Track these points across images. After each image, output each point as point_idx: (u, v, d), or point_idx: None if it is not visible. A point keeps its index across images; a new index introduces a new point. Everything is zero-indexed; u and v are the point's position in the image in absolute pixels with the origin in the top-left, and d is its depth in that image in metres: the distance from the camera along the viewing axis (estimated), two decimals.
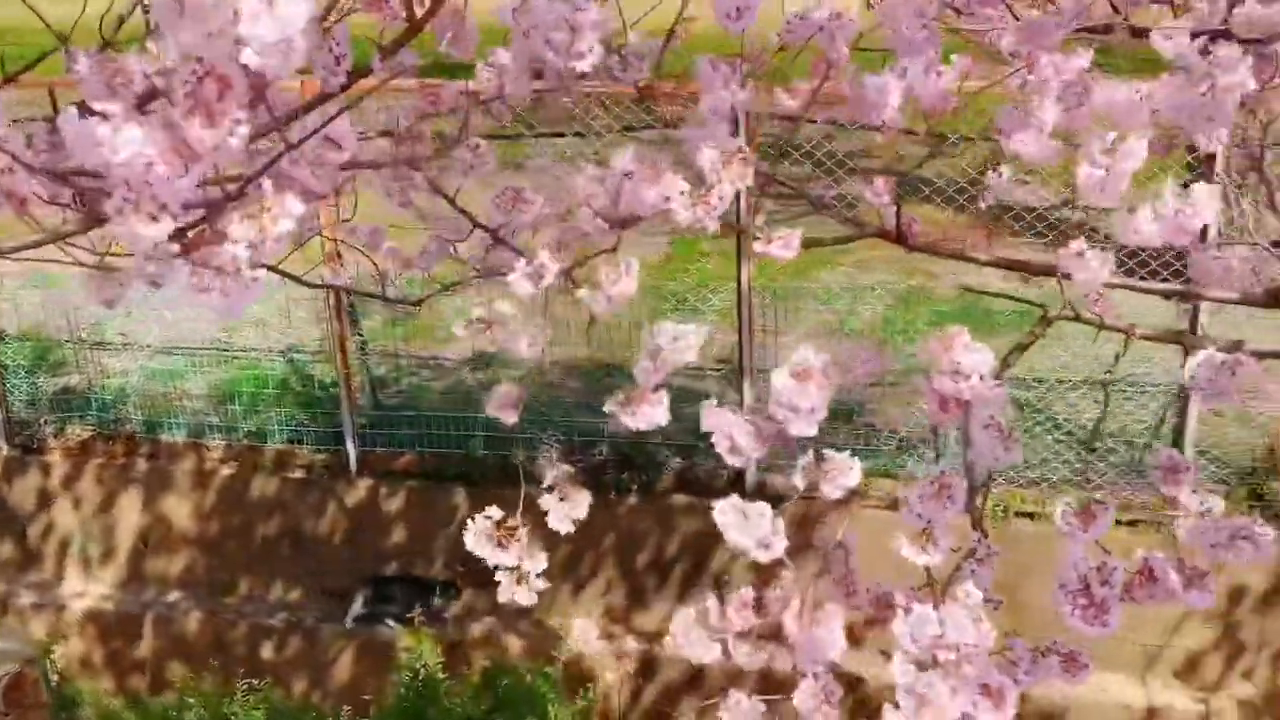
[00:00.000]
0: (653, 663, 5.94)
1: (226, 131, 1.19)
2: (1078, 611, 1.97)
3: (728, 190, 1.80)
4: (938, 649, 1.84)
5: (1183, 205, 1.84)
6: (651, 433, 6.28)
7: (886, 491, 5.75)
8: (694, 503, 5.91)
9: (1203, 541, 2.01)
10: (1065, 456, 5.66)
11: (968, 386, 1.98)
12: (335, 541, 6.22)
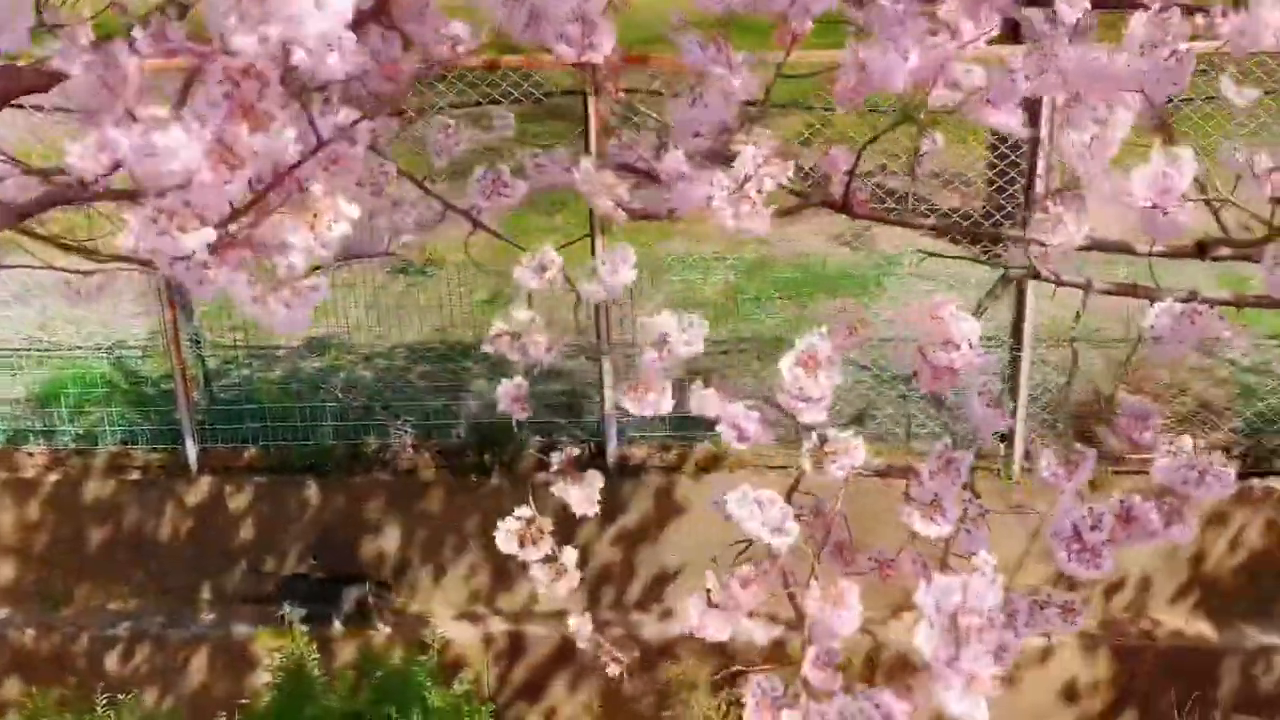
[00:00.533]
0: (521, 643, 5.92)
1: (274, 134, 1.14)
2: (1074, 557, 2.06)
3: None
4: (961, 615, 1.90)
5: (1168, 167, 1.94)
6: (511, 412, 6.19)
7: (742, 457, 5.88)
8: (554, 480, 5.88)
9: (1176, 480, 2.13)
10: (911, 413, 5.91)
11: (959, 355, 2.04)
12: (178, 544, 5.94)
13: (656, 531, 5.89)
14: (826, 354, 1.93)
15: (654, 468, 5.92)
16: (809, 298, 6.67)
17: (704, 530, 5.81)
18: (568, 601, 5.99)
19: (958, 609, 1.93)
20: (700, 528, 5.79)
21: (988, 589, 1.91)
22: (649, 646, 5.86)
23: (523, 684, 5.93)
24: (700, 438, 5.90)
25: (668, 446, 5.95)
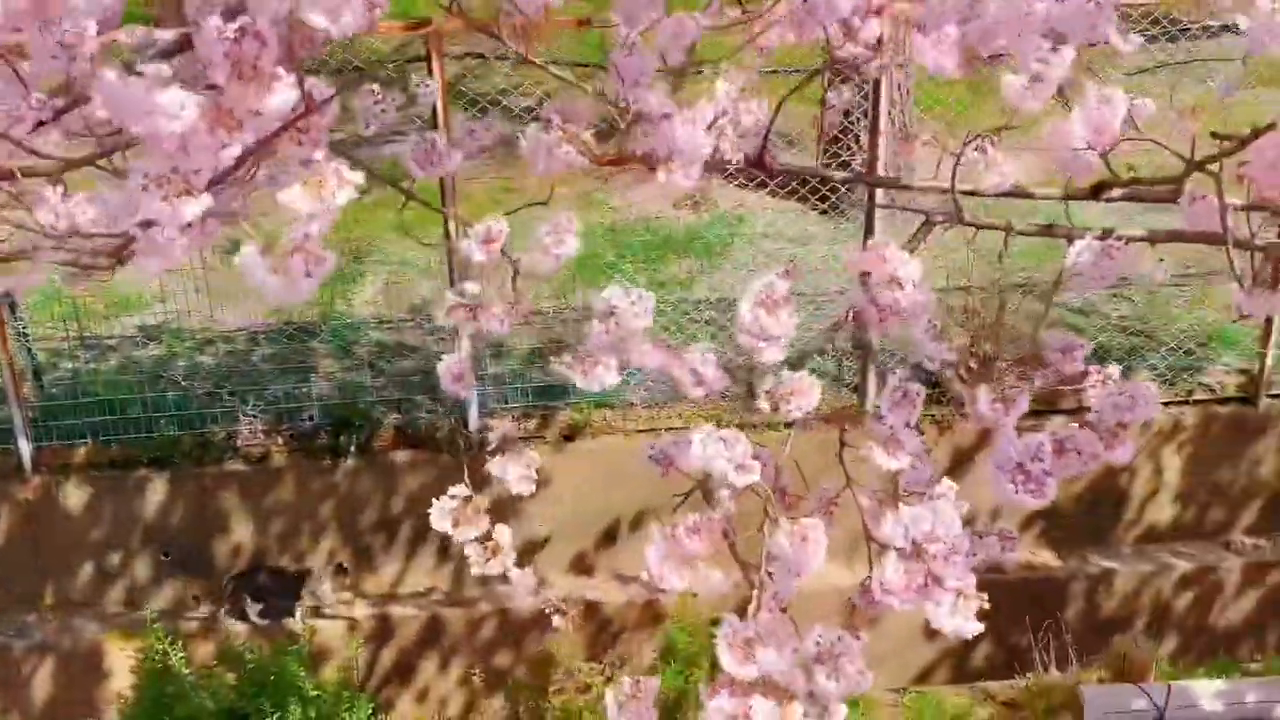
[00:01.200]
0: (388, 624, 5.81)
1: (275, 93, 1.11)
2: (1020, 487, 2.13)
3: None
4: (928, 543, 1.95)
5: (1102, 106, 2.02)
6: (364, 391, 6.08)
7: (609, 421, 5.90)
8: (416, 458, 5.79)
9: (1108, 405, 2.23)
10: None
11: (903, 295, 2.08)
12: (16, 548, 5.59)
13: (523, 503, 5.83)
14: (784, 293, 1.94)
15: (518, 438, 5.85)
16: (660, 261, 6.72)
17: (570, 500, 5.81)
18: (433, 579, 5.95)
19: (926, 537, 1.97)
20: (566, 497, 5.78)
21: (954, 515, 1.97)
22: (520, 619, 5.83)
23: (394, 666, 5.82)
24: (561, 406, 5.88)
25: (529, 415, 5.90)
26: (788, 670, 1.96)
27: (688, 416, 5.88)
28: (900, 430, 2.06)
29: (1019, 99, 2.04)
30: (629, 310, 2.11)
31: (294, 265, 1.36)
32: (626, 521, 5.98)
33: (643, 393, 5.91)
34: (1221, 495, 5.95)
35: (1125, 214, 3.31)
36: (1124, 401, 2.24)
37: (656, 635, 5.76)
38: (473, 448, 5.80)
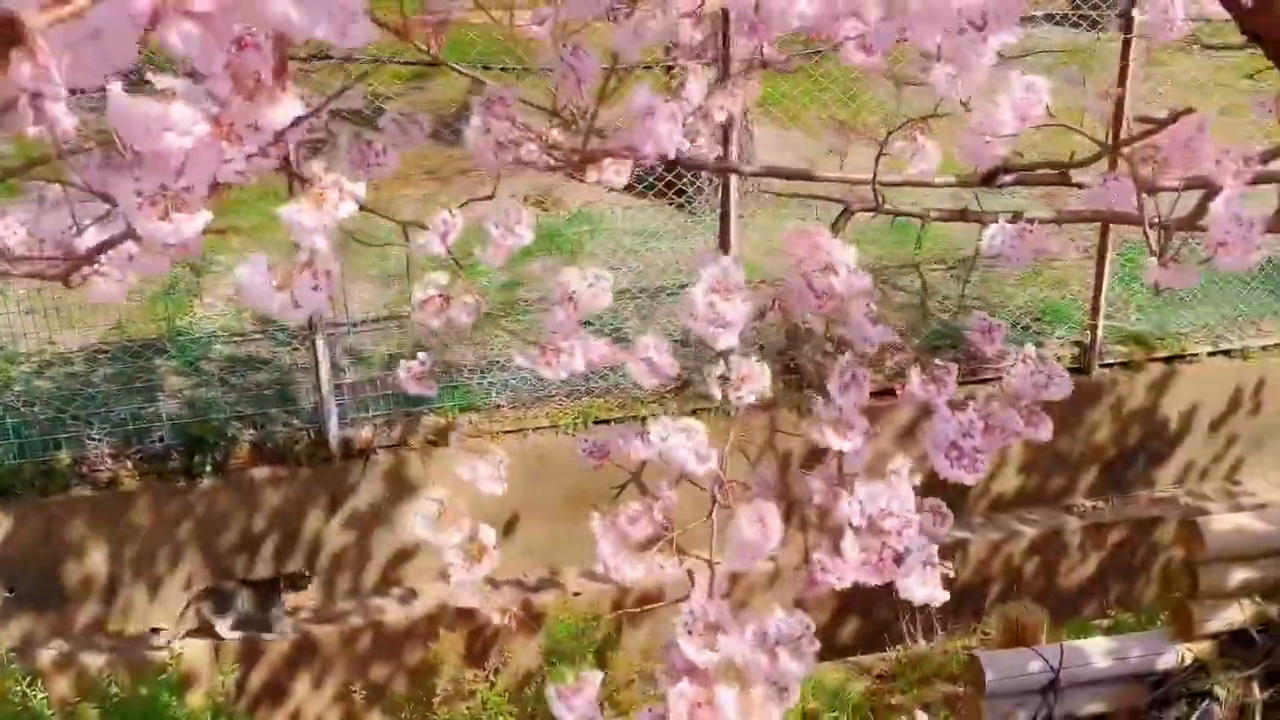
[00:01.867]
0: (255, 647, 5.62)
1: (279, 106, 1.11)
2: (954, 464, 2.21)
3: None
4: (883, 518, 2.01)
5: (1027, 94, 2.11)
6: (216, 408, 5.88)
7: (476, 424, 5.84)
8: (275, 473, 5.61)
9: (1027, 384, 2.33)
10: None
11: (839, 279, 2.14)
12: None
13: (389, 511, 5.74)
14: (738, 280, 1.97)
15: (381, 447, 5.75)
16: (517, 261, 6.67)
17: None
18: (300, 598, 5.79)
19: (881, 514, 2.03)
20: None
21: (909, 491, 2.03)
22: (393, 631, 5.73)
23: (265, 688, 5.64)
24: (425, 411, 5.80)
25: (392, 423, 5.79)
26: (750, 654, 1.98)
27: (554, 416, 5.88)
28: (850, 412, 2.11)
29: (948, 89, 2.11)
30: (587, 293, 2.11)
31: (302, 281, 1.32)
32: (498, 525, 5.90)
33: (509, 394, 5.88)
34: (1062, 462, 6.27)
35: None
36: (1042, 380, 2.34)
37: (536, 638, 5.73)
38: (334, 459, 5.67)
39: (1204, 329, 6.22)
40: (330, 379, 5.58)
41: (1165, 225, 2.20)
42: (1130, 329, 6.25)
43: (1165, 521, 6.10)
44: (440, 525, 2.13)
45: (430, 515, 2.15)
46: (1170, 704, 3.49)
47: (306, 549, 5.73)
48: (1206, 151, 2.18)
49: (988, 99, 2.21)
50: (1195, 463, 6.34)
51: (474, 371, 5.91)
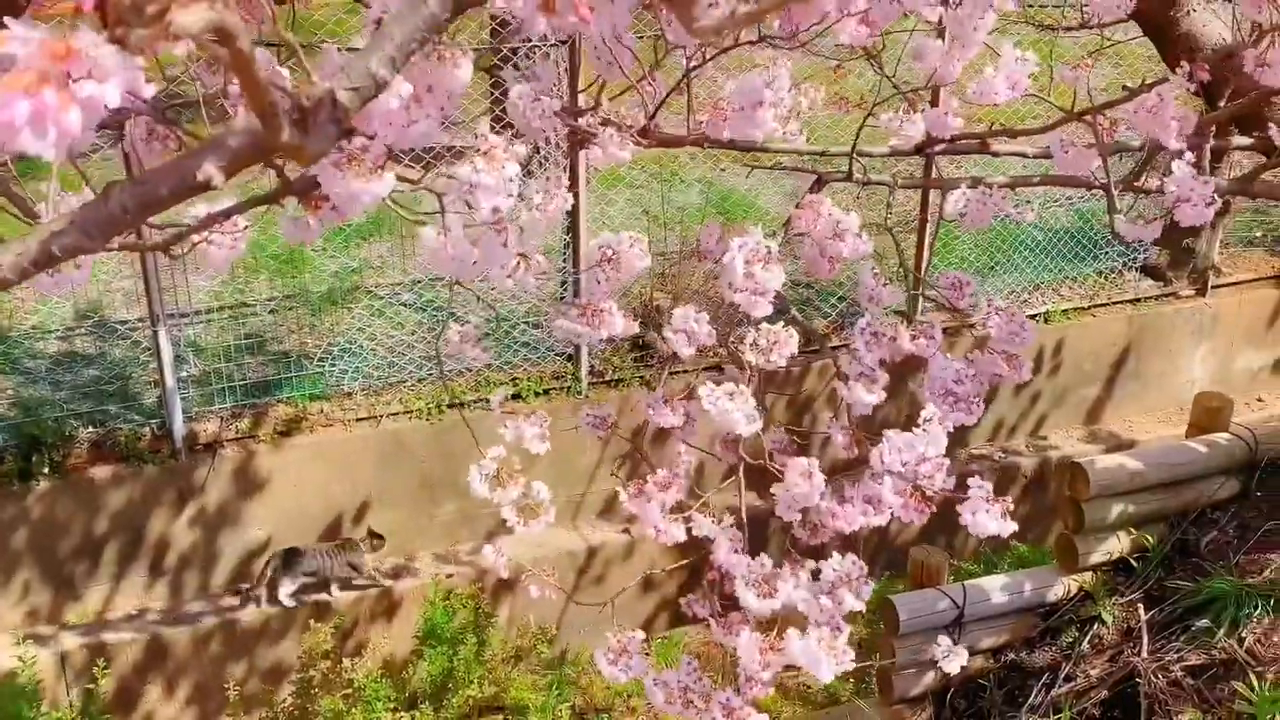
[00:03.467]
0: (105, 652, 5.33)
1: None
2: (950, 410, 2.40)
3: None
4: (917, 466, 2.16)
5: (1018, 67, 2.32)
6: (52, 407, 5.59)
7: (327, 414, 5.71)
8: (118, 472, 5.34)
9: (1005, 333, 2.54)
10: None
11: (845, 245, 2.29)
12: None
13: (240, 506, 5.55)
14: (775, 251, 2.08)
15: (229, 440, 5.54)
16: (358, 246, 6.55)
17: (291, 497, 5.58)
18: (147, 599, 5.52)
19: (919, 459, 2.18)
20: (289, 494, 5.55)
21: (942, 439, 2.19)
22: (248, 631, 5.54)
23: (117, 695, 5.36)
24: (273, 402, 5.63)
25: (239, 415, 5.60)
26: (808, 599, 2.09)
27: (408, 401, 5.81)
28: (877, 366, 2.25)
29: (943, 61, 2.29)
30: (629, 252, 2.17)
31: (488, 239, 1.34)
32: (351, 514, 5.82)
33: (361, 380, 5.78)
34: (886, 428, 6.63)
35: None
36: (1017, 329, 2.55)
37: (402, 623, 5.67)
38: (180, 455, 5.44)
39: (1010, 295, 6.72)
40: (174, 372, 5.34)
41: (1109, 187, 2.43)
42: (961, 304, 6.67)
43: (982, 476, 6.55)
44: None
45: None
46: (1061, 631, 3.82)
47: (153, 549, 5.47)
48: (1166, 116, 2.44)
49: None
50: (1005, 420, 6.85)
51: (324, 358, 5.78)
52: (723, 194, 7.31)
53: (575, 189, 5.84)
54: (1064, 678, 3.66)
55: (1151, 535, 3.97)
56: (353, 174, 1.18)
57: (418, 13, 0.87)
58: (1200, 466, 4.02)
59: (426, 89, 1.28)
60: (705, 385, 2.17)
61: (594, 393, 6.10)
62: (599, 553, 6.13)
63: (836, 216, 2.34)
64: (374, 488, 5.74)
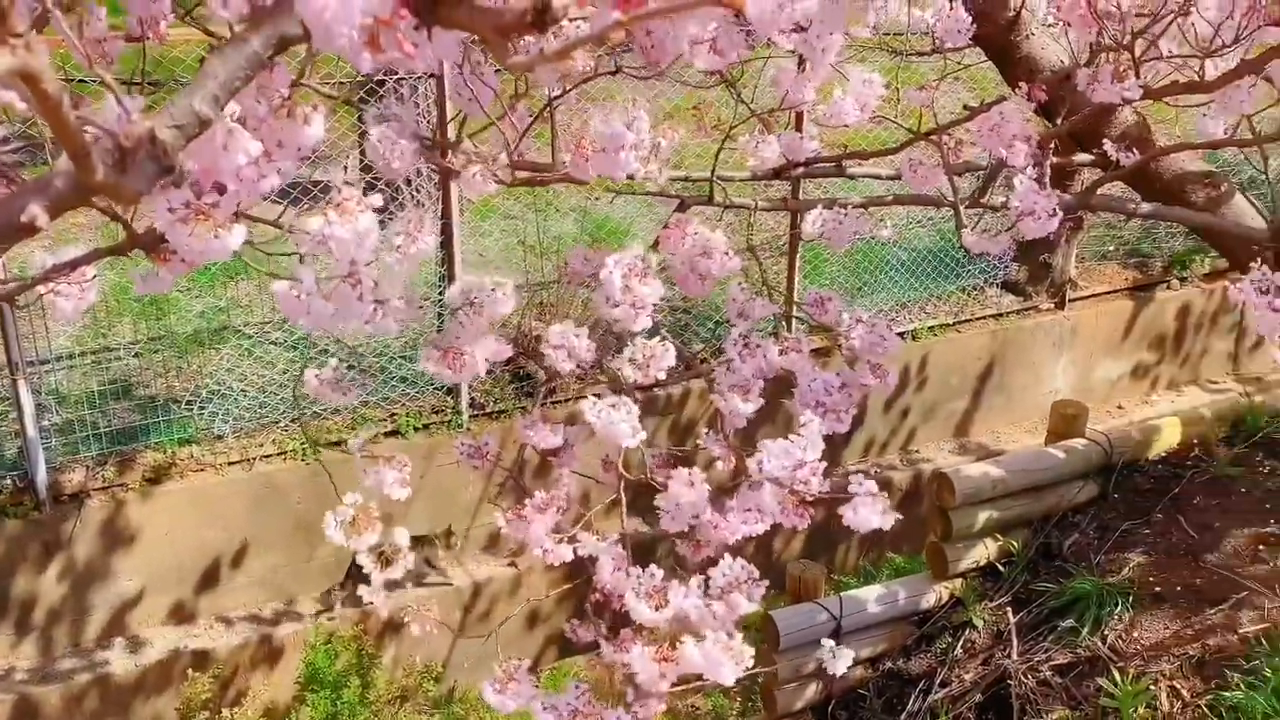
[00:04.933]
0: None
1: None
2: (821, 419, 2.47)
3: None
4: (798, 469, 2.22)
5: (865, 89, 2.40)
6: None
7: (197, 458, 5.58)
8: None
9: (868, 343, 2.62)
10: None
11: (714, 262, 2.36)
12: None
13: (110, 558, 5.38)
14: (651, 266, 2.13)
15: (96, 490, 5.38)
16: (222, 285, 6.42)
17: (163, 546, 5.44)
18: (13, 658, 5.31)
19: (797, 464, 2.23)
20: (161, 543, 5.41)
21: (819, 443, 2.25)
22: (122, 685, 5.37)
23: None
24: (141, 448, 5.48)
25: (104, 462, 5.44)
26: (700, 607, 2.13)
27: (281, 442, 5.71)
28: (752, 377, 2.30)
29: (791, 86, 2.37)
30: (493, 298, 2.19)
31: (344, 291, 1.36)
32: (227, 560, 5.69)
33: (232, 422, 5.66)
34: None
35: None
36: (880, 341, 2.64)
37: (285, 669, 5.56)
38: (44, 506, 5.26)
39: (879, 314, 6.88)
40: (35, 421, 5.17)
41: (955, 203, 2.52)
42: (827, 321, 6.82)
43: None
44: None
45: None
46: (936, 638, 3.92)
47: (19, 605, 5.27)
48: (1008, 134, 2.55)
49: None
50: (878, 436, 7.01)
51: (192, 402, 5.65)
52: (598, 222, 7.36)
53: (448, 221, 5.84)
54: (940, 683, 3.75)
55: (1017, 540, 4.11)
56: (201, 229, 1.18)
57: (240, 51, 0.88)
58: (1060, 472, 4.18)
59: (277, 144, 1.28)
60: (588, 400, 2.19)
61: (476, 425, 6.08)
62: (485, 588, 6.09)
63: (704, 235, 2.39)
64: (249, 532, 5.62)
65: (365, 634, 5.64)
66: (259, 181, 1.26)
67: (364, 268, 1.62)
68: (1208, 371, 8.00)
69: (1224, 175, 3.46)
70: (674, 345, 2.48)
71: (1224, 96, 2.47)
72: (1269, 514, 3.97)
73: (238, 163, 1.16)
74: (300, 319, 1.41)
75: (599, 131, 2.07)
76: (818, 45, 2.26)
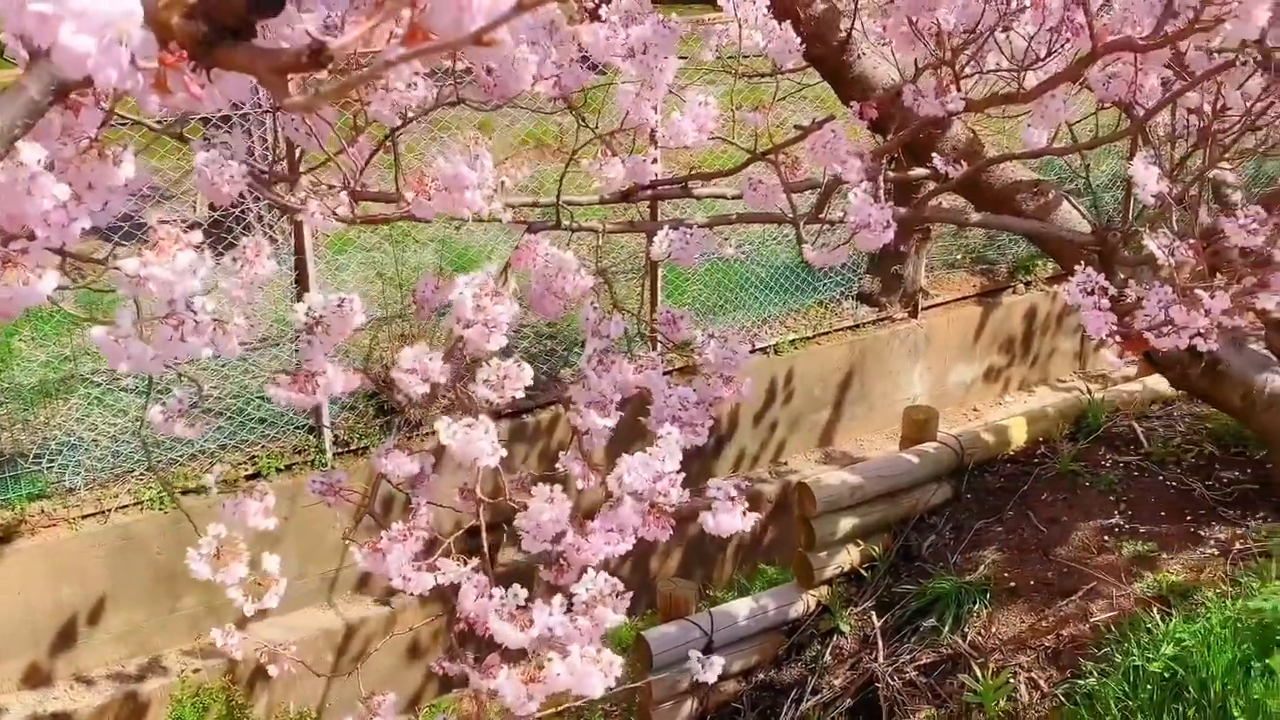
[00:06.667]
0: None
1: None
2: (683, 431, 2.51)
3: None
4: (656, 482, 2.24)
5: (701, 110, 2.46)
6: None
7: (49, 513, 5.38)
8: None
9: (720, 357, 2.67)
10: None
11: (568, 282, 2.39)
12: None
13: None
14: (499, 287, 2.14)
15: None
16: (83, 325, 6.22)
17: (18, 606, 5.22)
18: None
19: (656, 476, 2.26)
20: (13, 603, 5.19)
21: (677, 454, 2.27)
22: None
23: None
24: None
25: None
26: (565, 623, 2.13)
27: (137, 491, 5.54)
28: (609, 393, 2.32)
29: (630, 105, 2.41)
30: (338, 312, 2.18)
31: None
32: (85, 617, 5.49)
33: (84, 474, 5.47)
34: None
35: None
36: (731, 354, 2.69)
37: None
38: None
39: (742, 331, 7.00)
40: None
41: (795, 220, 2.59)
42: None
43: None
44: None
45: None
46: (806, 646, 3.98)
47: None
48: (840, 151, 2.63)
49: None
50: (747, 451, 7.10)
51: (41, 455, 5.45)
52: (459, 251, 7.33)
53: (302, 257, 5.75)
54: (811, 691, 3.82)
55: (878, 545, 4.21)
56: (10, 276, 1.15)
57: (16, 100, 0.86)
58: (914, 476, 4.30)
59: (87, 186, 1.26)
60: (442, 421, 2.18)
61: (340, 462, 5.98)
62: (358, 629, 5.98)
63: (556, 256, 2.41)
64: (108, 587, 5.43)
65: (234, 683, 5.49)
66: (69, 225, 1.23)
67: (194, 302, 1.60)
68: (1056, 371, 8.31)
69: (1053, 183, 3.62)
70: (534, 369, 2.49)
71: (1040, 106, 2.59)
72: (1112, 505, 4.14)
73: (43, 207, 1.14)
74: (121, 364, 1.38)
75: (442, 170, 2.08)
76: (654, 66, 2.31)
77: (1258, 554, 3.77)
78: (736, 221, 2.98)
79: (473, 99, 2.46)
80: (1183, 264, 2.55)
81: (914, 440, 4.48)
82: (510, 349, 3.47)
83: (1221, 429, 4.54)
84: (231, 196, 1.94)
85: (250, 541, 2.96)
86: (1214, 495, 4.15)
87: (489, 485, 2.66)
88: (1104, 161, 7.94)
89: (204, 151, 1.92)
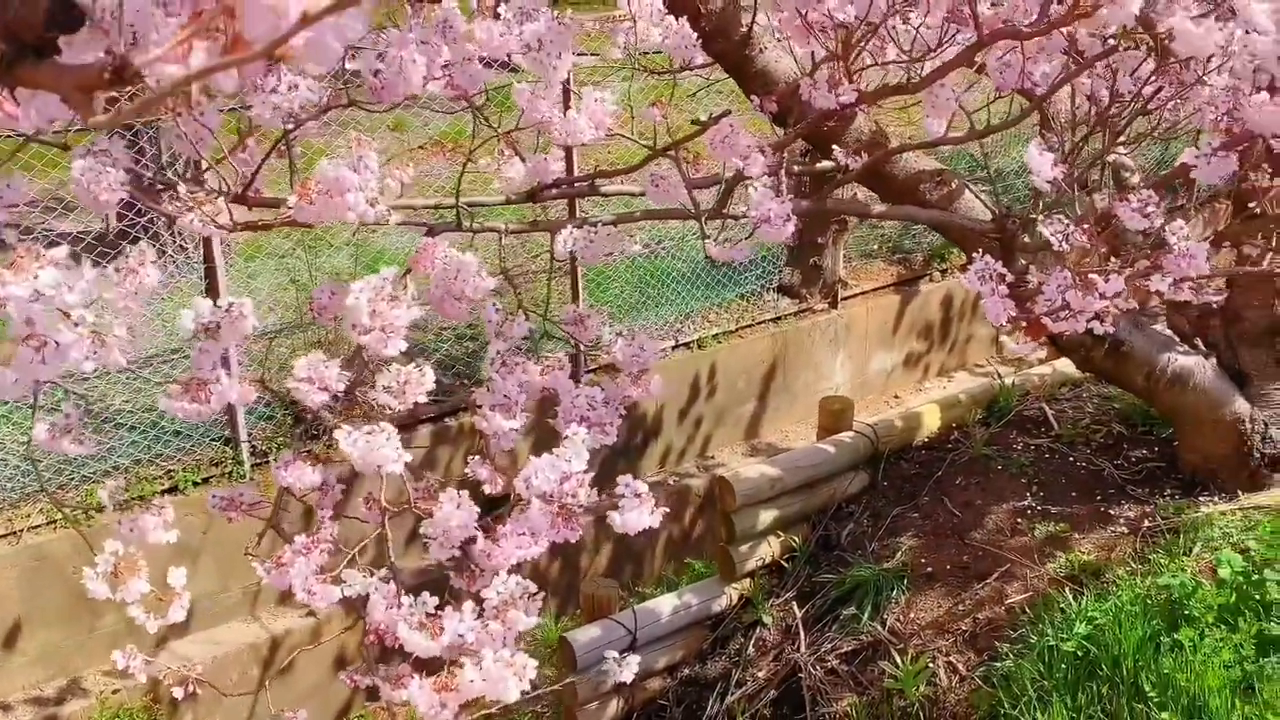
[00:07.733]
0: None
1: None
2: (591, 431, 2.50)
3: None
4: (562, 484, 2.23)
5: (597, 107, 2.45)
6: None
7: None
8: None
9: (628, 356, 2.67)
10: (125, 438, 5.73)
11: (467, 284, 2.38)
12: None
13: None
14: (397, 291, 2.12)
15: None
16: None
17: None
18: None
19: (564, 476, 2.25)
20: None
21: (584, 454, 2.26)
22: None
23: None
24: None
25: None
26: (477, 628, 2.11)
27: (50, 511, 5.42)
28: (514, 394, 2.30)
29: (529, 107, 2.40)
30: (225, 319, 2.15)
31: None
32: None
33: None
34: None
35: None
36: (639, 352, 2.69)
37: None
38: None
39: (665, 326, 7.00)
40: None
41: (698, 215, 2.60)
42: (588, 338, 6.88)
43: (657, 500, 6.78)
44: None
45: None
46: (729, 639, 3.99)
47: None
48: (741, 146, 2.63)
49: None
50: (673, 446, 7.11)
51: None
52: (375, 255, 7.25)
53: (212, 265, 5.66)
54: (735, 684, 3.83)
55: (797, 535, 4.23)
56: None
57: None
58: (832, 465, 4.33)
59: None
60: (342, 430, 2.14)
61: (259, 473, 5.89)
62: (283, 641, 5.90)
63: (454, 258, 2.39)
64: (22, 609, 5.31)
65: (155, 702, 5.39)
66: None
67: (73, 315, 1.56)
68: (974, 356, 8.42)
69: (955, 172, 3.66)
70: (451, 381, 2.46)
71: (931, 96, 2.61)
72: (1024, 488, 4.21)
73: None
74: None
75: (324, 172, 2.05)
76: (549, 64, 2.30)
77: (1166, 531, 3.85)
78: (641, 219, 2.98)
79: (363, 101, 2.44)
80: (1076, 248, 2.59)
81: (831, 430, 4.51)
82: (430, 352, 3.37)
83: (1129, 409, 4.63)
84: (111, 205, 1.89)
85: (166, 558, 2.89)
86: (1123, 474, 4.23)
87: (395, 494, 2.63)
88: (1014, 149, 8.06)
89: (81, 160, 1.87)
